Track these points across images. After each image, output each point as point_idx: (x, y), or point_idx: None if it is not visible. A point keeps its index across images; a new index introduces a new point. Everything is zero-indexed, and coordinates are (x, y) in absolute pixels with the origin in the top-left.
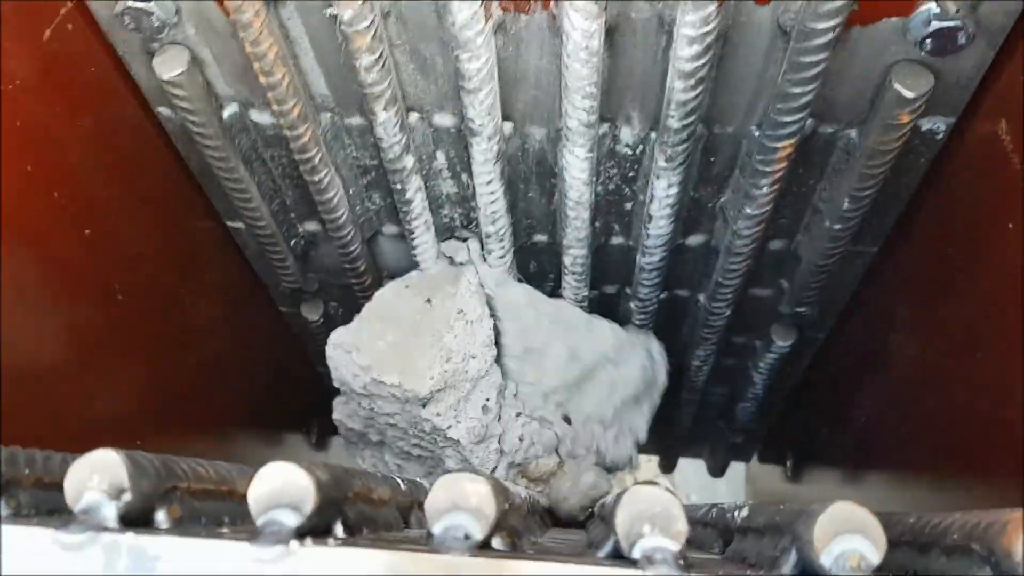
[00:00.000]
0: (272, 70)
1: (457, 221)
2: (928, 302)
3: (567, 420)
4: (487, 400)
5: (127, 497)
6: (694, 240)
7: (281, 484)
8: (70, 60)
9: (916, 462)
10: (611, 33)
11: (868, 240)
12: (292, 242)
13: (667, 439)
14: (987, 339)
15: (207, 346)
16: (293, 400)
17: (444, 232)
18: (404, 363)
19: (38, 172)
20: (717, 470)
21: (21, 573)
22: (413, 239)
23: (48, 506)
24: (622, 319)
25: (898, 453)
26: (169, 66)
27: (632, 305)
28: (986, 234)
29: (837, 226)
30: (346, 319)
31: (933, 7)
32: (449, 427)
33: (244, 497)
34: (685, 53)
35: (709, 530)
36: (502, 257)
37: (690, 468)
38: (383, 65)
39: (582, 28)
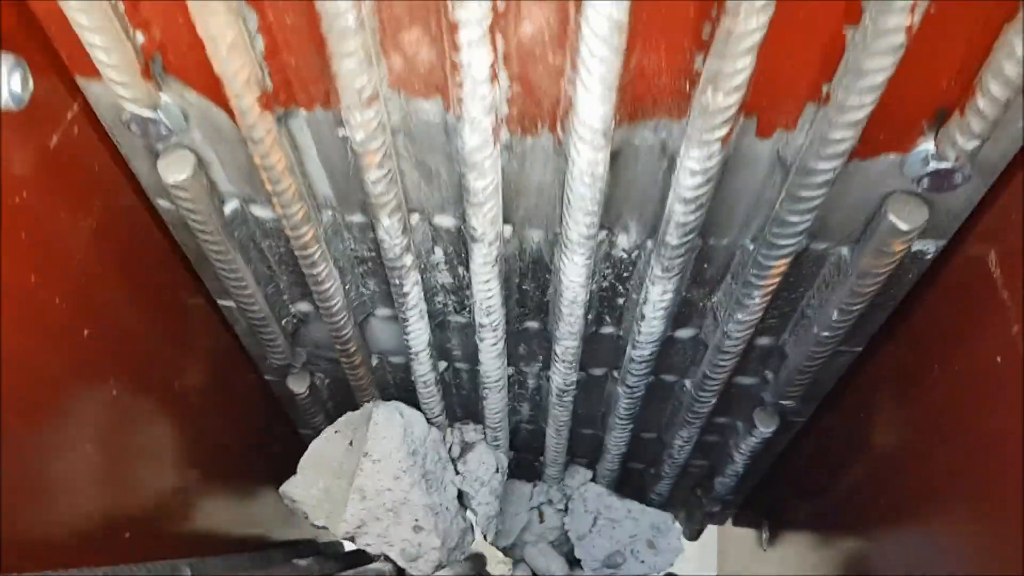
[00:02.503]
0: (279, 179)
1: (450, 307)
2: (906, 398)
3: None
4: (415, 520)
5: None
6: (683, 333)
7: None
8: (74, 162)
9: (886, 543)
10: (614, 156)
11: (853, 342)
12: (283, 322)
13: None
14: (958, 432)
15: (194, 416)
16: (272, 460)
17: (437, 316)
18: (331, 507)
19: (41, 282)
20: (693, 534)
21: None
22: (407, 326)
23: None
24: (608, 401)
25: (871, 527)
26: (174, 170)
27: (620, 389)
28: (966, 346)
29: (825, 333)
30: (331, 389)
31: (931, 148)
32: (381, 552)
33: None
34: (688, 183)
35: None
36: (494, 344)
37: None
38: (390, 179)
39: (588, 158)
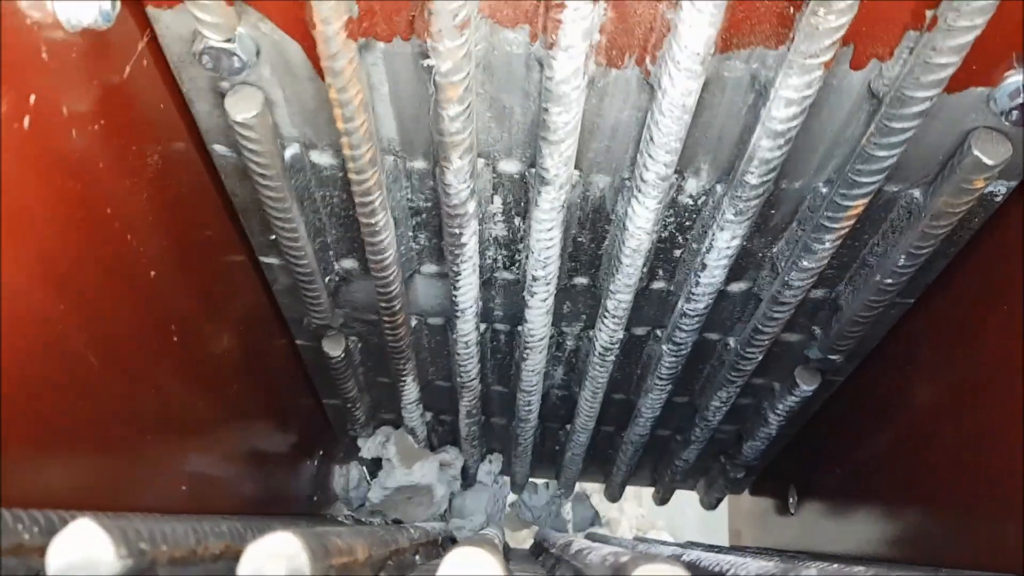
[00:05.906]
0: (354, 116)
1: (500, 263)
2: (951, 353)
3: None
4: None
5: None
6: (735, 287)
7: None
8: (140, 100)
9: (921, 503)
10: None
11: (907, 293)
12: (327, 279)
13: (666, 472)
14: (1003, 392)
15: (226, 378)
16: (297, 431)
17: (485, 272)
18: None
19: (115, 215)
20: (712, 503)
21: None
22: (458, 280)
23: None
24: (646, 363)
25: (902, 493)
26: (242, 107)
27: (664, 348)
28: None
29: (888, 280)
30: (364, 354)
31: (1021, 80)
32: None
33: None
34: (781, 114)
35: None
36: (544, 300)
37: (681, 499)
38: (468, 115)
39: (683, 88)
